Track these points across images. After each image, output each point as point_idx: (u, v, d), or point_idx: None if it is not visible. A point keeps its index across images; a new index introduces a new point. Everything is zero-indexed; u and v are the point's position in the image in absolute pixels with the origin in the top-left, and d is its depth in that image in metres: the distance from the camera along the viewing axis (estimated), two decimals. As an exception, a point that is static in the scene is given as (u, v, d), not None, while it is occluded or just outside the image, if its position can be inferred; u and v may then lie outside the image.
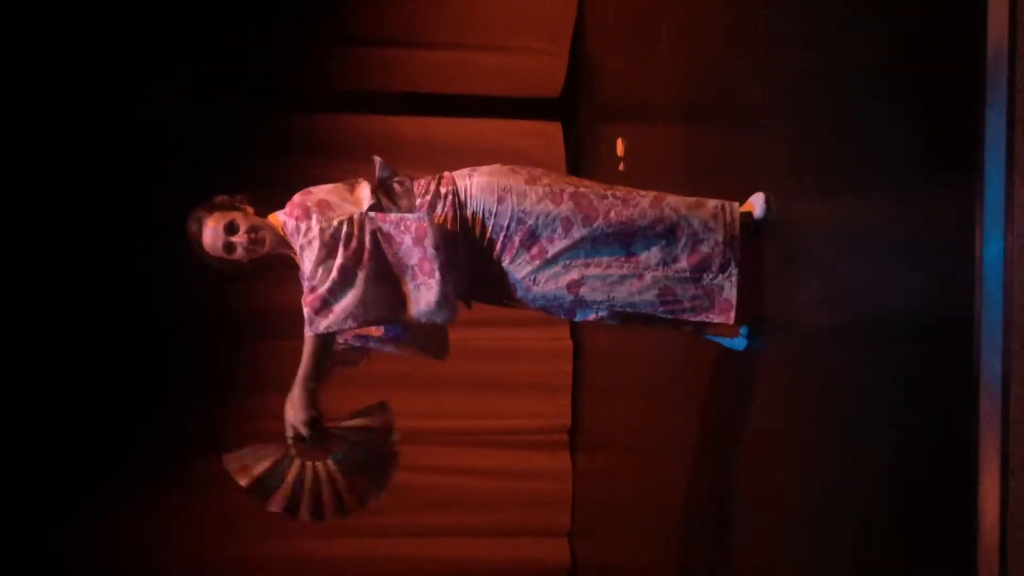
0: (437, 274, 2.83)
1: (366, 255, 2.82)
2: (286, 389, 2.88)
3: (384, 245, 2.84)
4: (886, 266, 2.41)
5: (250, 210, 2.95)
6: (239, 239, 2.90)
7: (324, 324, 2.82)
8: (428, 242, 2.82)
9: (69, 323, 5.67)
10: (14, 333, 5.50)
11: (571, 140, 6.11)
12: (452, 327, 3.13)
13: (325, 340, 2.87)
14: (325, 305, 2.81)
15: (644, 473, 4.68)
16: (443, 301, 2.85)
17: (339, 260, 2.80)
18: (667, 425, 4.20)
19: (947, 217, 2.14)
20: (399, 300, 2.87)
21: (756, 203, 3.11)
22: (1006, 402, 1.97)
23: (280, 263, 3.05)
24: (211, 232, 2.91)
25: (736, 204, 3.08)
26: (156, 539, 5.67)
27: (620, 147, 4.94)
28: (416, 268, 2.84)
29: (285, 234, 2.92)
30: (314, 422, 2.87)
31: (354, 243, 2.81)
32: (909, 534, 2.29)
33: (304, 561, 5.79)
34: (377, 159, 3.03)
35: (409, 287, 2.86)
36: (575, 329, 6.19)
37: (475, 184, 2.97)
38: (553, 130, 6.15)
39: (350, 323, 2.83)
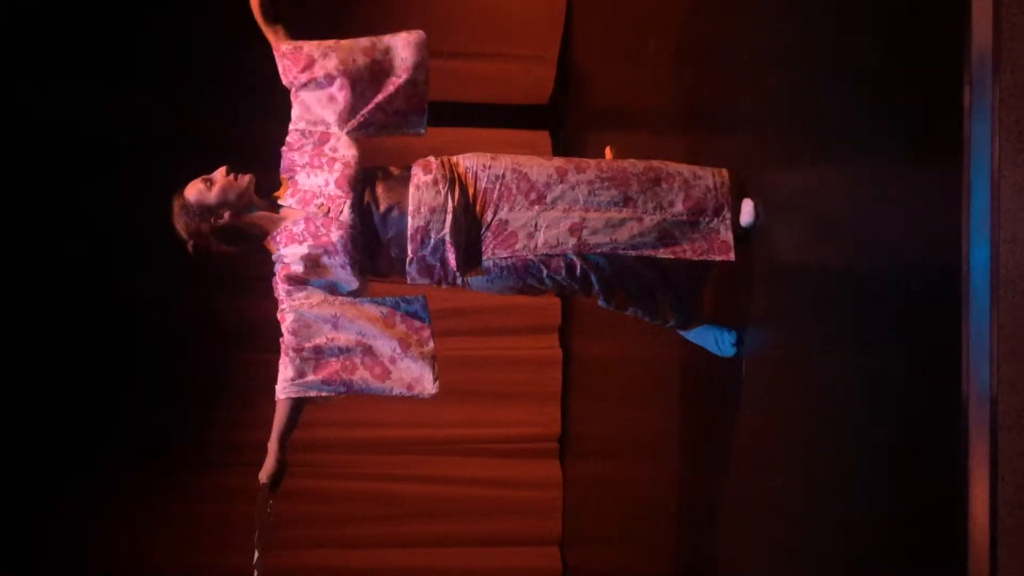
0: None
1: None
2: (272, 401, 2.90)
3: None
4: (873, 272, 2.42)
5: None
6: (217, 176, 3.04)
7: None
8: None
9: (55, 332, 5.65)
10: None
11: (559, 148, 6.11)
12: (443, 334, 3.16)
13: None
14: None
15: (634, 480, 4.68)
16: None
17: None
18: (657, 432, 4.20)
19: (933, 223, 2.15)
20: None
21: (745, 210, 3.12)
22: (994, 408, 1.97)
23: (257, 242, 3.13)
24: (191, 186, 3.05)
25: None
26: (140, 549, 5.65)
27: (608, 155, 4.93)
28: None
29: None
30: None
31: None
32: (899, 540, 2.29)
33: (293, 572, 5.76)
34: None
35: None
36: (564, 337, 6.19)
37: (466, 154, 3.15)
38: (541, 139, 6.15)
39: None
